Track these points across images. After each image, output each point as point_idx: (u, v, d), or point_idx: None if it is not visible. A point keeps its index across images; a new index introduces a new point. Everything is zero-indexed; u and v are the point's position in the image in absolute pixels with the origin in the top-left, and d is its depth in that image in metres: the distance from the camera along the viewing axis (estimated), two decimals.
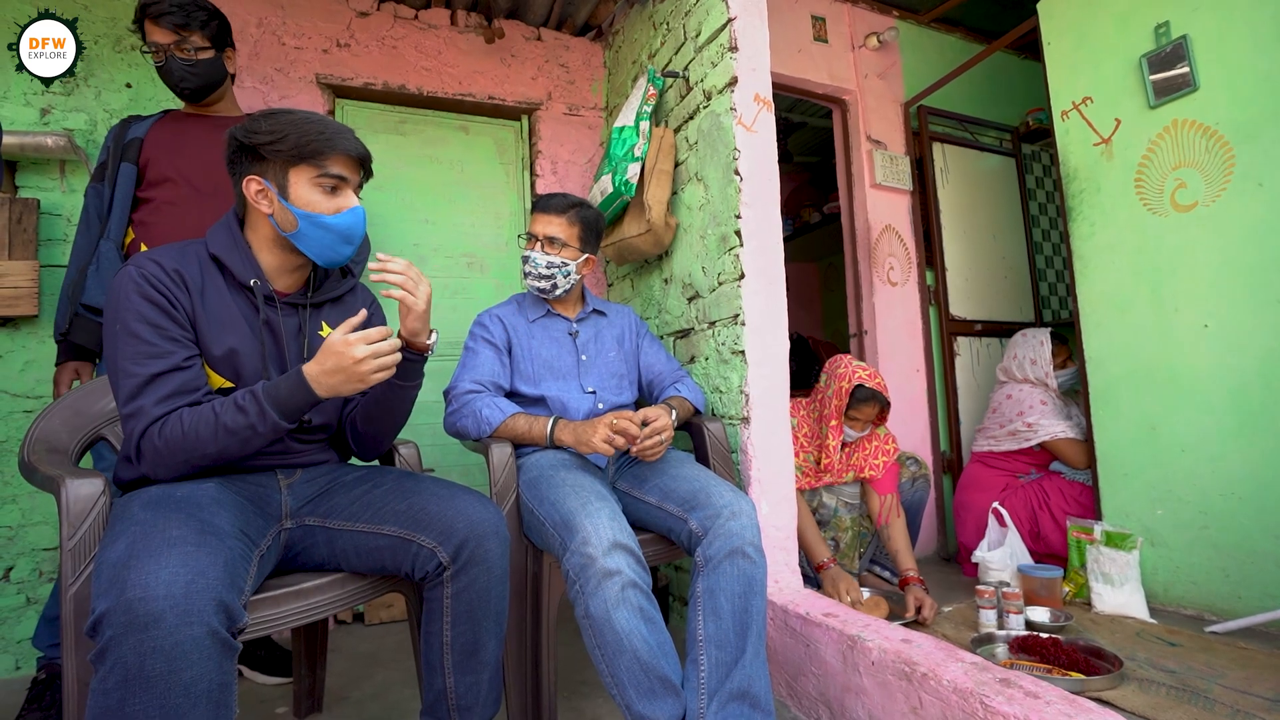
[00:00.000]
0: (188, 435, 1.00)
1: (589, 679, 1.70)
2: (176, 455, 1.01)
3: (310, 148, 1.09)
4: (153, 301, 1.03)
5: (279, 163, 1.10)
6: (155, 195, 1.63)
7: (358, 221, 1.15)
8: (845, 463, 2.06)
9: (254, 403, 1.01)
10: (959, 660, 1.19)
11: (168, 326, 1.04)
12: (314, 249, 1.14)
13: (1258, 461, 1.75)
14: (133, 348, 1.01)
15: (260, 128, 1.09)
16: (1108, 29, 2.08)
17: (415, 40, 2.51)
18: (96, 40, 2.06)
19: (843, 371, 1.98)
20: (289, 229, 1.12)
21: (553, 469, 1.43)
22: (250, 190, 1.11)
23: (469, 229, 2.63)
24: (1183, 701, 1.34)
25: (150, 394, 1.01)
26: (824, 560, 1.90)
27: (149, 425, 1.00)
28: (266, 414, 1.01)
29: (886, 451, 2.07)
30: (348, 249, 1.16)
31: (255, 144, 1.09)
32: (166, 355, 1.03)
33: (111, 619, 0.77)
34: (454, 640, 1.12)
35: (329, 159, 1.11)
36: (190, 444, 1.00)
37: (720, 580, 1.25)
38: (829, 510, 2.08)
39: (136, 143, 1.65)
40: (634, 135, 2.01)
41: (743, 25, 1.78)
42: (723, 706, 1.15)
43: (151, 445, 1.00)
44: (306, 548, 1.16)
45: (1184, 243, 1.91)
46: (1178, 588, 1.91)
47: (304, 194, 1.10)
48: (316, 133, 1.10)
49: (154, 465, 1.02)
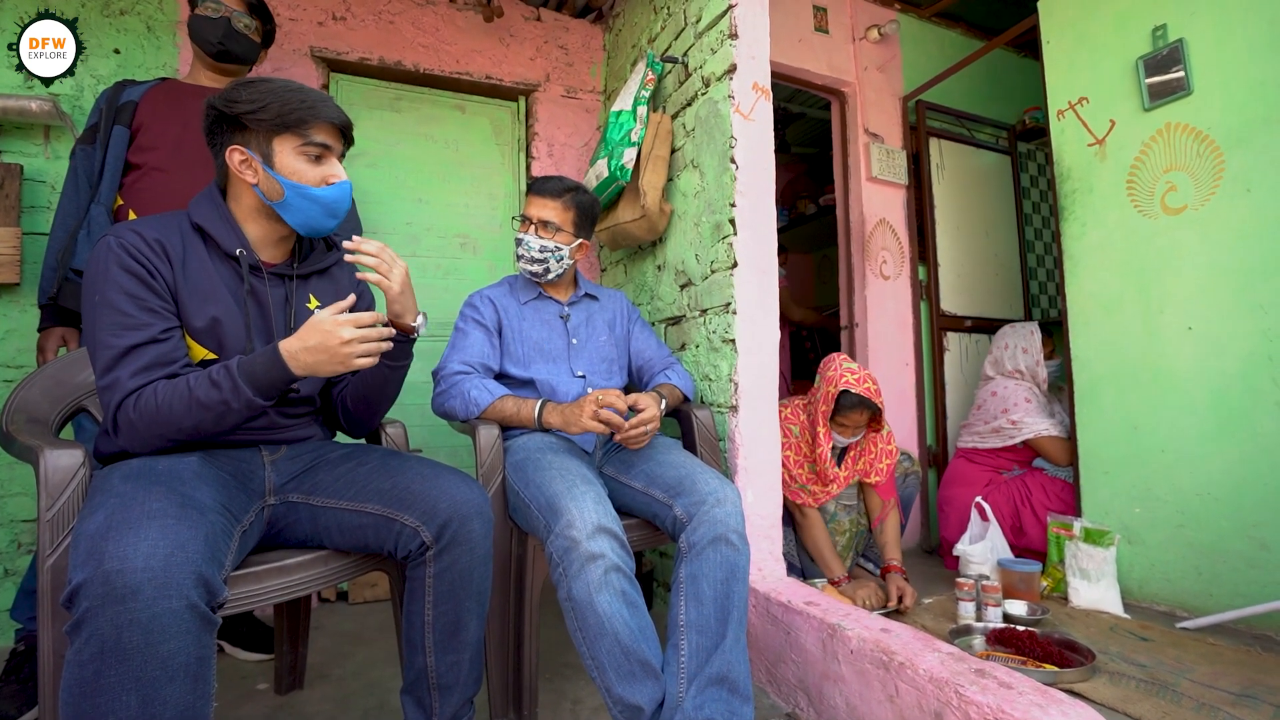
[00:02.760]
0: (161, 409, 0.98)
1: (571, 661, 1.71)
2: (151, 429, 0.99)
3: (294, 116, 1.08)
4: (131, 272, 1.02)
5: (262, 132, 1.09)
6: (146, 161, 1.61)
7: (344, 195, 1.15)
8: (850, 468, 2.00)
9: (228, 378, 0.99)
10: (936, 650, 1.21)
11: (146, 298, 1.02)
12: (298, 219, 1.14)
13: (1235, 462, 1.78)
14: (110, 319, 1.00)
15: (240, 96, 1.08)
16: (1107, 29, 2.08)
17: (413, 16, 2.48)
18: (84, 4, 2.01)
19: (831, 374, 1.89)
20: (274, 198, 1.11)
21: (539, 452, 1.43)
22: (234, 160, 1.10)
23: (463, 209, 2.61)
24: (1151, 694, 1.37)
25: (126, 366, 0.99)
26: (840, 577, 1.89)
27: (124, 398, 0.99)
28: (240, 390, 0.99)
29: (889, 454, 2.03)
30: (331, 222, 1.16)
31: (237, 113, 1.08)
32: (144, 327, 1.01)
33: (88, 590, 0.76)
34: (435, 620, 1.12)
35: (312, 127, 1.10)
36: (164, 417, 0.98)
37: (703, 566, 1.26)
38: (828, 514, 2.05)
39: (131, 106, 1.62)
40: (631, 120, 1.99)
41: (743, 12, 1.76)
42: (701, 691, 1.16)
43: (126, 418, 0.99)
44: (290, 524, 1.16)
45: (1172, 245, 1.92)
46: (1152, 584, 1.95)
47: (289, 163, 1.10)
48: (299, 101, 1.09)
49: (129, 438, 1.01)
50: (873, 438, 2.01)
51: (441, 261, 2.56)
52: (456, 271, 2.58)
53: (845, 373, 1.87)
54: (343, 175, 1.14)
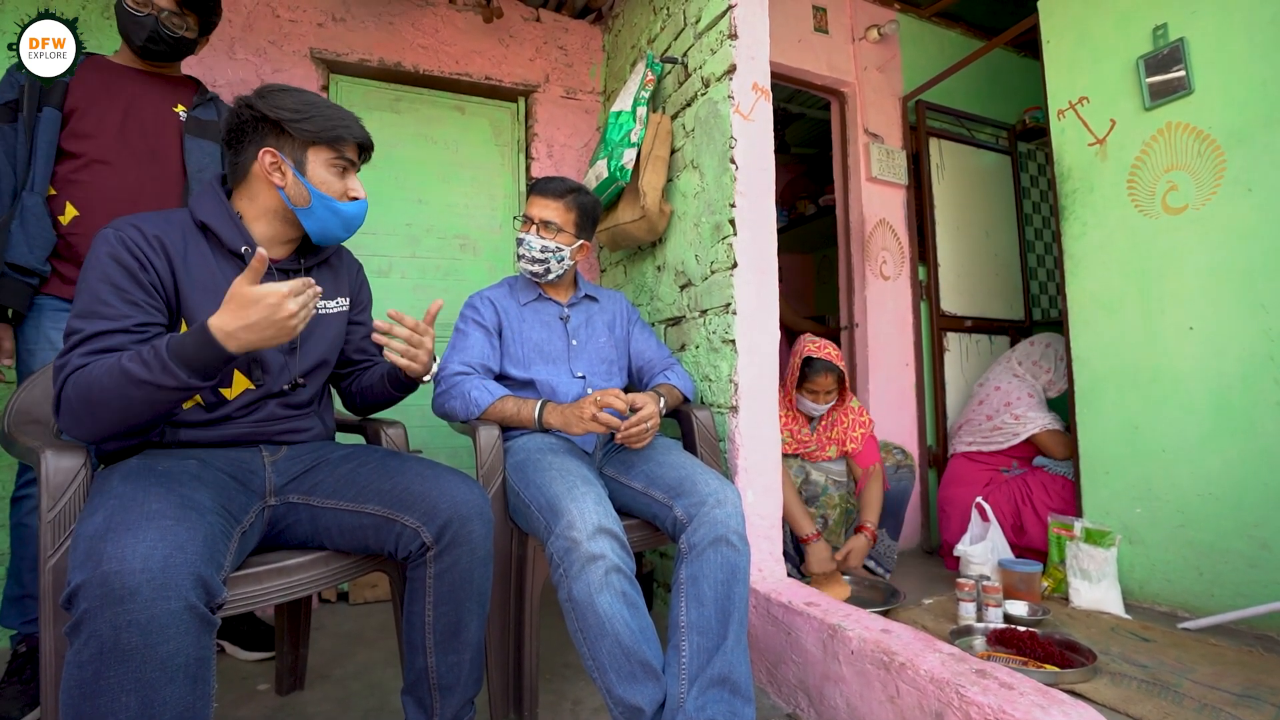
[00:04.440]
0: (93, 386, 0.93)
1: (571, 662, 1.71)
2: (84, 407, 0.94)
3: (334, 132, 1.15)
4: (120, 263, 1.02)
5: (300, 140, 1.13)
6: (85, 150, 1.52)
7: (362, 213, 1.23)
8: (825, 436, 2.14)
9: (156, 358, 0.91)
10: (936, 651, 1.20)
11: (129, 289, 1.02)
12: (317, 227, 1.18)
13: (1235, 462, 1.78)
14: (86, 306, 1.00)
15: (286, 103, 1.12)
16: (1107, 29, 2.08)
17: (413, 17, 2.48)
18: (84, 4, 2.00)
19: (796, 348, 2.10)
20: (299, 204, 1.15)
21: (540, 452, 1.43)
22: (264, 161, 1.13)
23: (462, 210, 2.61)
24: (1153, 695, 1.37)
25: (81, 349, 0.97)
26: (809, 534, 1.93)
27: (69, 375, 0.95)
28: (170, 369, 0.91)
29: (863, 424, 2.15)
30: (346, 235, 1.24)
31: (280, 119, 1.11)
32: (119, 318, 1.00)
33: (87, 591, 0.76)
34: (436, 620, 1.12)
35: (346, 144, 1.17)
36: (95, 395, 0.93)
37: (704, 567, 1.26)
38: (818, 487, 2.12)
39: (61, 86, 1.51)
40: (631, 120, 1.99)
41: (743, 13, 1.76)
42: (703, 692, 1.16)
43: (65, 396, 0.95)
44: (290, 525, 1.16)
45: (1173, 245, 1.92)
46: (1153, 585, 1.94)
47: (319, 173, 1.15)
48: (340, 118, 1.16)
49: (68, 421, 0.96)
50: (843, 408, 2.15)
51: (441, 262, 2.56)
52: (456, 273, 2.58)
53: (807, 345, 2.08)
54: (362, 193, 1.21)
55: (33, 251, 1.45)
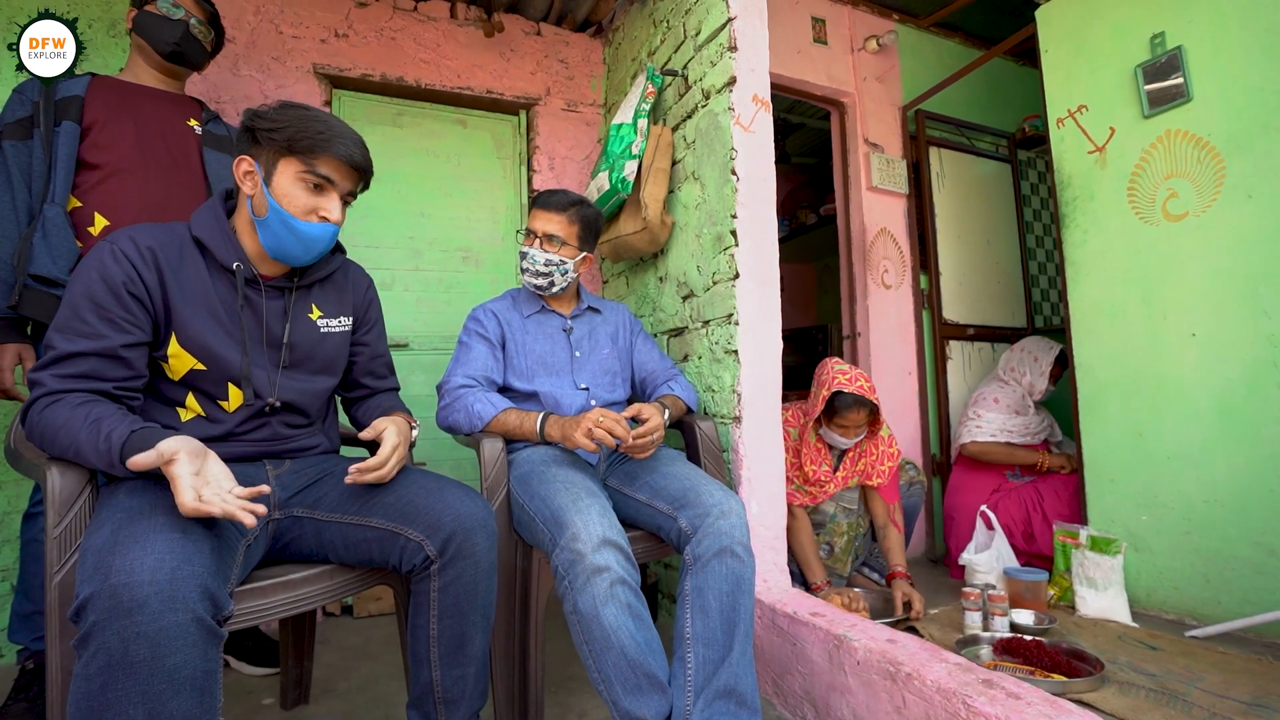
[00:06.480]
0: (57, 429, 0.95)
1: (576, 674, 1.70)
2: (43, 438, 0.96)
3: (304, 143, 1.09)
4: (106, 280, 1.02)
5: (271, 150, 1.10)
6: (106, 161, 1.55)
7: (323, 236, 1.14)
8: (851, 469, 2.03)
9: (108, 448, 0.91)
10: (943, 661, 1.20)
11: (110, 307, 1.02)
12: (271, 241, 1.13)
13: (1240, 468, 1.77)
14: (67, 321, 1.00)
15: (266, 114, 1.10)
16: (1105, 38, 2.10)
17: (414, 32, 2.50)
18: (85, 4, 2.01)
19: (824, 378, 1.93)
20: (259, 214, 1.12)
21: (544, 465, 1.43)
22: (239, 170, 1.12)
23: (465, 223, 2.63)
24: (1161, 704, 1.36)
25: (57, 369, 0.98)
26: (819, 583, 1.89)
27: (38, 398, 0.97)
28: (115, 465, 0.91)
29: (891, 456, 2.05)
30: (304, 256, 1.16)
31: (255, 127, 1.10)
32: (95, 337, 1.00)
33: (95, 604, 0.77)
34: (441, 633, 1.12)
35: (319, 158, 1.10)
36: (52, 438, 0.95)
37: (709, 579, 1.25)
38: (826, 515, 2.05)
39: (77, 100, 1.55)
40: (632, 133, 2.01)
41: (743, 25, 1.78)
42: (709, 704, 1.16)
43: (31, 420, 0.97)
44: (295, 539, 1.16)
45: (1174, 252, 1.93)
46: (1160, 592, 1.93)
47: (285, 186, 1.10)
48: (315, 131, 1.10)
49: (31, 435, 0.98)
50: (873, 439, 2.02)
51: (443, 275, 2.57)
52: (458, 285, 2.59)
53: (837, 374, 1.90)
54: (335, 216, 1.14)
55: (56, 263, 1.46)
